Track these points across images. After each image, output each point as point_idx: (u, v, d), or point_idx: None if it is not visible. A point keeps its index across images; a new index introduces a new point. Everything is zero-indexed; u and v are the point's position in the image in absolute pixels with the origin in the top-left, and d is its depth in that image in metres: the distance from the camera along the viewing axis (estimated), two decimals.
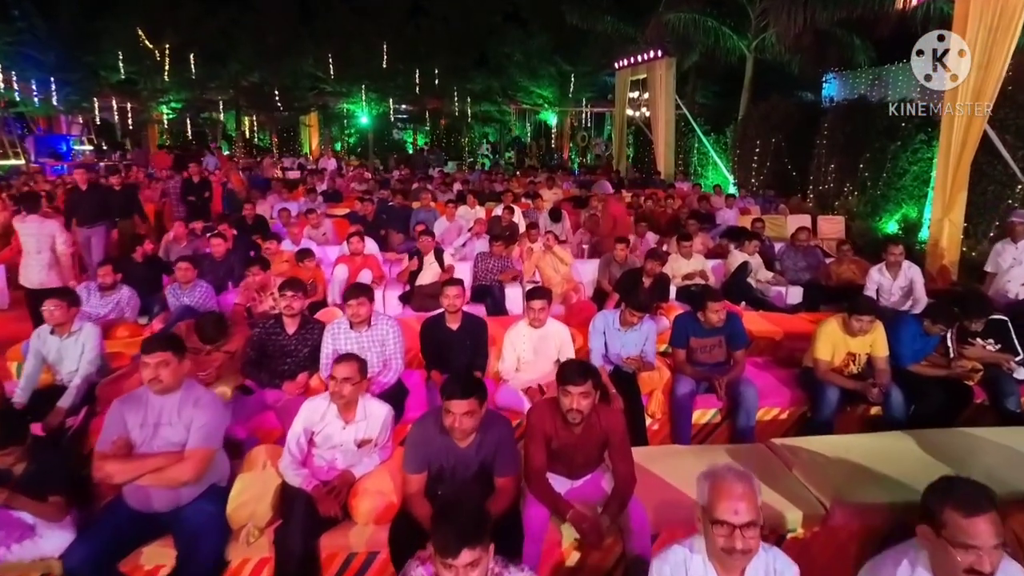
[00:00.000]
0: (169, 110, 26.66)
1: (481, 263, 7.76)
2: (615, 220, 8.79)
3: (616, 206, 9.01)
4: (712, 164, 19.73)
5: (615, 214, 8.82)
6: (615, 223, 8.79)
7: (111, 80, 25.51)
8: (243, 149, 28.69)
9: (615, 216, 8.81)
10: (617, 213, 8.89)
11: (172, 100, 26.43)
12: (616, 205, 9.02)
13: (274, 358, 4.62)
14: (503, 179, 17.62)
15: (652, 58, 18.93)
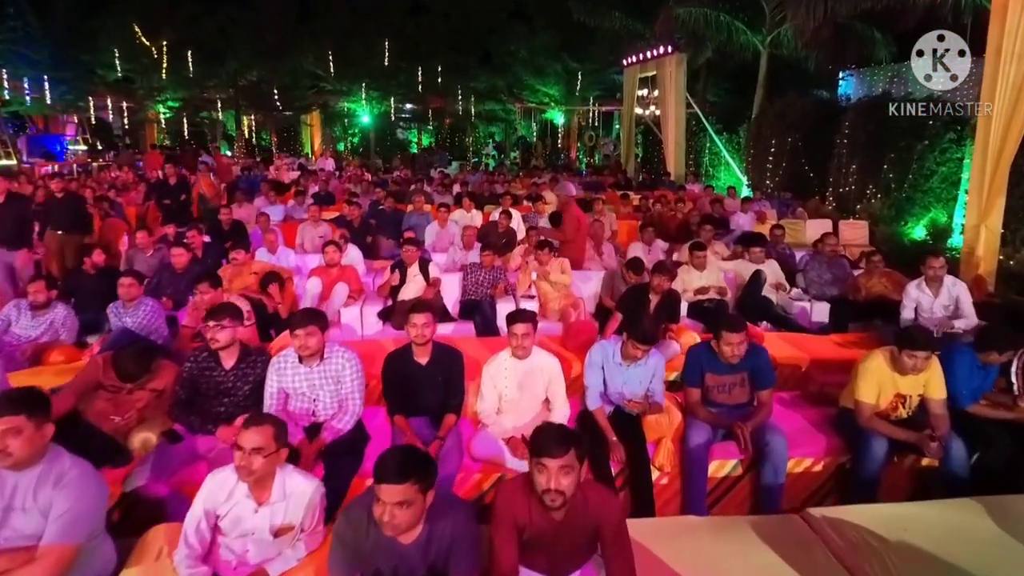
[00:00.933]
0: (166, 109, 26.04)
1: (471, 275, 7.00)
2: (578, 225, 7.99)
3: (579, 212, 8.15)
4: (724, 165, 18.91)
5: (578, 218, 7.96)
6: (577, 229, 7.96)
7: (107, 79, 24.89)
8: (243, 149, 28.04)
9: (578, 220, 7.98)
10: (580, 217, 8.04)
11: (169, 99, 25.80)
12: (579, 211, 8.15)
13: (208, 398, 3.88)
14: (505, 180, 16.85)
15: (662, 54, 18.11)
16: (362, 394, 3.92)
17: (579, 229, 7.98)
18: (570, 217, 7.95)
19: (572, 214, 7.96)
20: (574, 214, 7.96)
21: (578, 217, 8.01)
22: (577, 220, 7.95)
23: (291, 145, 28.87)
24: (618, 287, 6.63)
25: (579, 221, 7.99)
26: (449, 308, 6.95)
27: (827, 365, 5.28)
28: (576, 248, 7.94)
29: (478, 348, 5.55)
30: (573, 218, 7.92)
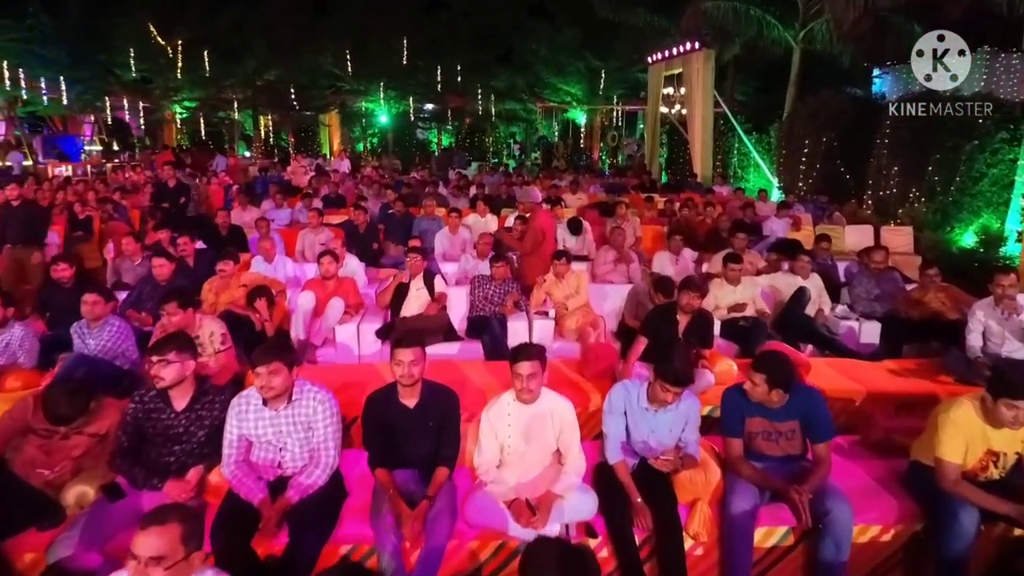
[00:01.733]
0: (182, 109, 25.71)
1: (479, 289, 6.36)
2: (543, 234, 7.13)
3: (545, 218, 7.31)
4: (753, 166, 18.10)
5: (542, 228, 7.16)
6: (542, 238, 7.13)
7: (124, 79, 24.61)
8: (261, 149, 27.68)
9: (542, 230, 7.15)
10: (546, 227, 7.25)
11: (186, 99, 25.48)
12: (545, 217, 7.31)
13: (156, 445, 3.28)
14: (524, 182, 16.20)
15: (688, 51, 17.35)
16: (337, 443, 3.30)
17: (543, 241, 7.15)
18: (533, 227, 7.16)
19: (535, 224, 7.15)
20: (537, 225, 7.14)
21: (542, 228, 7.17)
22: (540, 231, 7.13)
23: (309, 145, 28.43)
24: (644, 304, 5.96)
25: (543, 232, 7.16)
26: (457, 325, 6.34)
27: (886, 400, 4.56)
28: (536, 263, 7.06)
29: (484, 374, 4.92)
30: (536, 229, 7.12)
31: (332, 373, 5.13)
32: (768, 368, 3.22)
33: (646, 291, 5.99)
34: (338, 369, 5.33)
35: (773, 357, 3.30)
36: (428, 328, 5.90)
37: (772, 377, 3.20)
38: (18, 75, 21.85)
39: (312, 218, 8.57)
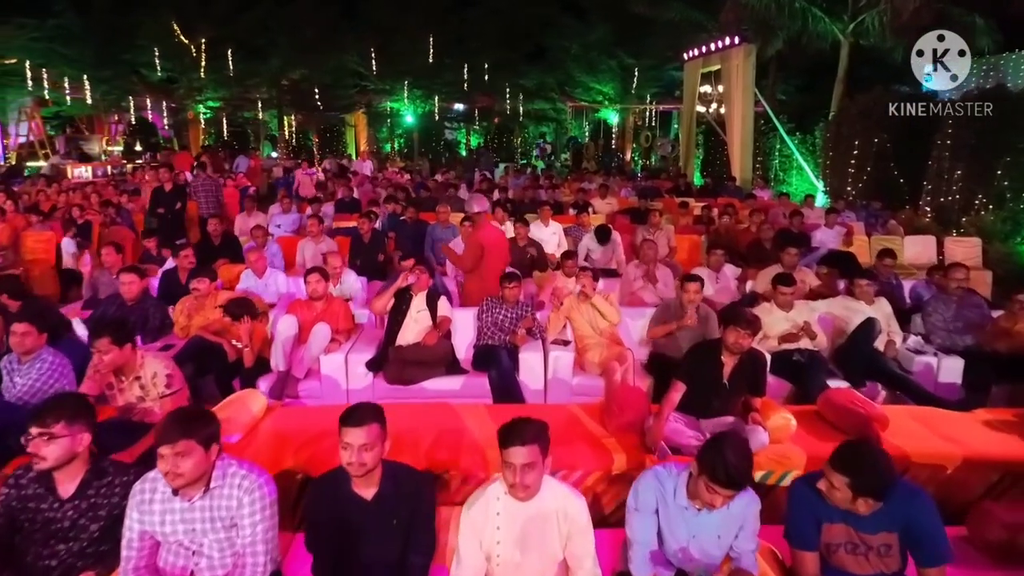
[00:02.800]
0: (206, 109, 25.30)
1: (487, 313, 5.51)
2: (483, 249, 6.09)
3: (490, 231, 6.30)
4: (796, 169, 17.00)
5: (483, 242, 6.10)
6: (481, 254, 6.10)
7: (149, 78, 24.27)
8: (285, 150, 27.19)
9: (484, 244, 6.10)
10: (489, 241, 6.14)
11: (210, 98, 25.07)
12: (490, 230, 6.33)
13: (34, 543, 2.50)
14: (551, 185, 15.32)
15: (727, 46, 16.33)
16: (270, 544, 2.47)
17: (483, 258, 6.12)
18: (472, 241, 6.18)
19: (475, 237, 6.16)
20: (479, 238, 6.13)
21: (484, 242, 6.13)
22: (480, 246, 6.10)
23: (334, 146, 27.86)
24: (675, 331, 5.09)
25: (484, 246, 6.11)
26: (463, 354, 5.51)
27: (988, 468, 3.63)
28: (477, 284, 6.15)
29: (488, 424, 4.07)
30: (476, 243, 6.12)
31: (311, 416, 4.33)
32: (853, 469, 2.33)
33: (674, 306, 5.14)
34: (317, 412, 4.52)
35: (859, 453, 2.39)
36: (427, 360, 5.08)
37: (859, 482, 2.31)
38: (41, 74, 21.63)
39: (312, 225, 7.80)
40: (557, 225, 9.18)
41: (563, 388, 5.13)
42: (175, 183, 8.98)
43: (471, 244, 6.15)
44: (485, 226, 6.24)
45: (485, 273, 6.00)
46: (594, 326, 5.43)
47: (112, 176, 19.08)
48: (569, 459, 3.71)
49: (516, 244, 7.81)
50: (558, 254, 8.81)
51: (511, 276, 5.54)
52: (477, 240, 6.09)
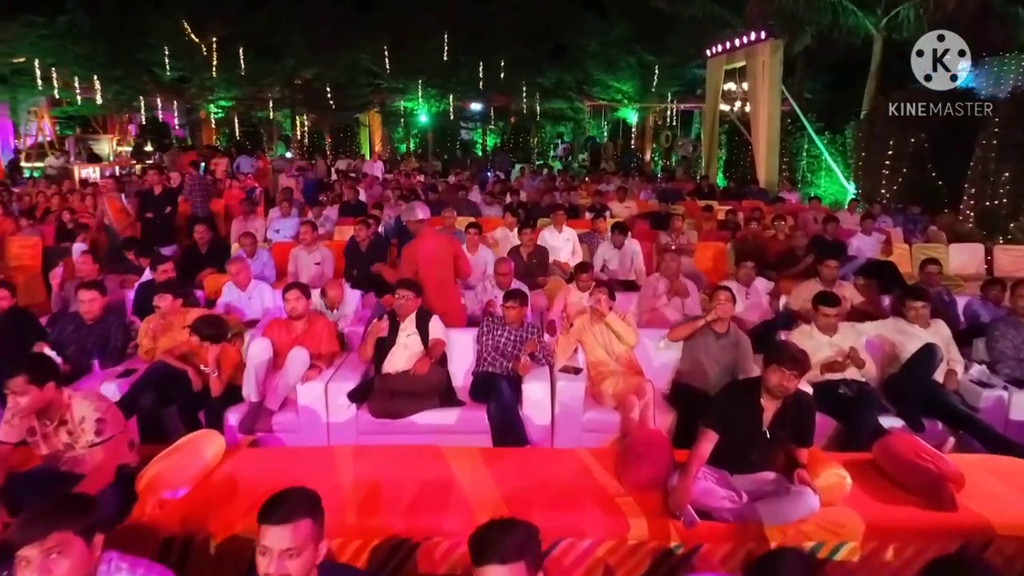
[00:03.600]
0: (217, 108, 24.90)
1: (488, 336, 4.88)
2: (416, 263, 5.32)
3: (427, 242, 5.40)
4: (825, 170, 16.22)
5: (419, 254, 5.33)
6: (416, 267, 5.33)
7: (161, 78, 23.89)
8: (299, 150, 26.76)
9: (418, 257, 5.33)
10: (424, 253, 5.34)
11: (222, 98, 24.67)
12: (427, 241, 5.42)
13: None
14: (567, 187, 14.66)
15: (753, 41, 15.58)
16: None
17: (423, 270, 5.33)
18: (406, 254, 5.44)
19: (410, 249, 5.41)
20: (412, 250, 5.39)
21: (419, 254, 5.36)
22: (413, 258, 5.35)
23: (348, 146, 27.38)
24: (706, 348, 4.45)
25: (424, 259, 5.35)
26: (460, 380, 4.90)
27: None
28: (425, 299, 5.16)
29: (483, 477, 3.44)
30: (408, 256, 5.39)
31: (278, 461, 3.74)
32: None
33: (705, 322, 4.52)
34: (285, 456, 3.93)
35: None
36: (418, 390, 4.46)
37: None
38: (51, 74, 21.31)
39: (306, 233, 7.21)
40: (571, 231, 8.52)
41: (573, 424, 4.48)
42: (165, 186, 8.44)
43: (403, 258, 5.48)
44: (423, 237, 5.46)
45: (426, 291, 5.17)
46: (609, 350, 4.78)
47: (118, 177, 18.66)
48: (576, 524, 3.08)
49: (520, 254, 7.18)
50: (572, 263, 8.21)
51: (513, 295, 4.91)
52: (410, 252, 5.39)
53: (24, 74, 20.91)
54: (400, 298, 4.72)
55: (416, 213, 5.60)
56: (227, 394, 4.52)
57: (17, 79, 21.11)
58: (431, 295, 5.21)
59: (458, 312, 5.53)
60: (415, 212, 5.60)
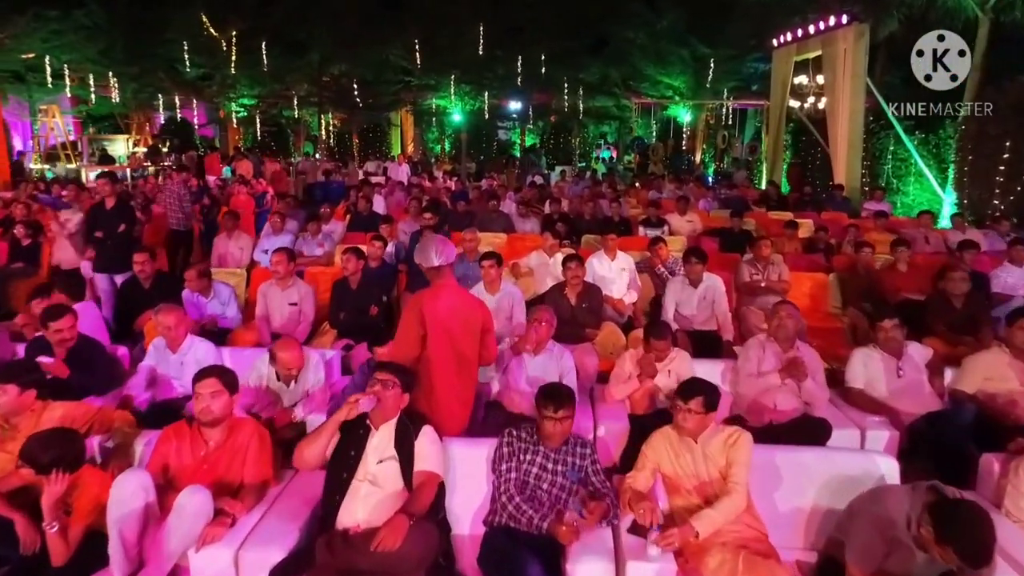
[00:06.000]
0: (239, 107, 23.52)
1: (510, 462, 3.01)
2: (426, 329, 3.42)
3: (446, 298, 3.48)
4: (915, 176, 13.98)
5: (432, 316, 3.41)
6: (424, 336, 3.44)
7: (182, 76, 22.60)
8: (325, 151, 25.31)
9: (429, 320, 3.41)
10: (440, 315, 3.43)
11: (245, 95, 23.30)
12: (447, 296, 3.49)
13: None
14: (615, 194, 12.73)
15: (832, 27, 13.44)
16: None
17: (433, 343, 3.44)
18: (410, 316, 3.47)
19: (421, 310, 3.41)
20: (423, 311, 3.41)
21: (432, 316, 3.41)
22: (420, 322, 3.41)
23: (378, 147, 25.79)
24: None
25: (438, 323, 3.43)
26: (468, 529, 3.07)
27: None
28: (424, 395, 3.41)
29: None
30: (416, 319, 3.42)
31: None
32: None
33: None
34: None
35: None
36: (388, 570, 2.64)
37: None
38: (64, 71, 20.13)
39: (279, 263, 5.39)
40: (627, 258, 6.63)
41: None
42: (119, 198, 6.79)
43: (405, 322, 3.51)
44: (440, 292, 3.49)
45: (431, 376, 3.41)
46: (709, 490, 2.90)
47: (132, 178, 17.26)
48: None
49: (564, 296, 5.32)
50: (627, 299, 6.32)
51: (555, 397, 3.03)
52: (416, 312, 3.43)
53: (39, 72, 19.77)
54: (376, 385, 2.91)
55: (430, 256, 3.61)
56: (89, 549, 2.77)
57: (32, 77, 19.99)
58: (436, 388, 3.42)
59: (466, 418, 3.67)
60: (428, 255, 3.59)
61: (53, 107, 20.29)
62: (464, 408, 3.57)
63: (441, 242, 3.55)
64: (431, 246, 3.52)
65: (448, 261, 3.52)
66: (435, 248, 3.50)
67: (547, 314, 4.27)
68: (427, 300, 3.45)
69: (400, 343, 3.46)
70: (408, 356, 3.37)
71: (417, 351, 3.38)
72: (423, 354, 3.40)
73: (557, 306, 4.99)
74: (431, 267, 3.50)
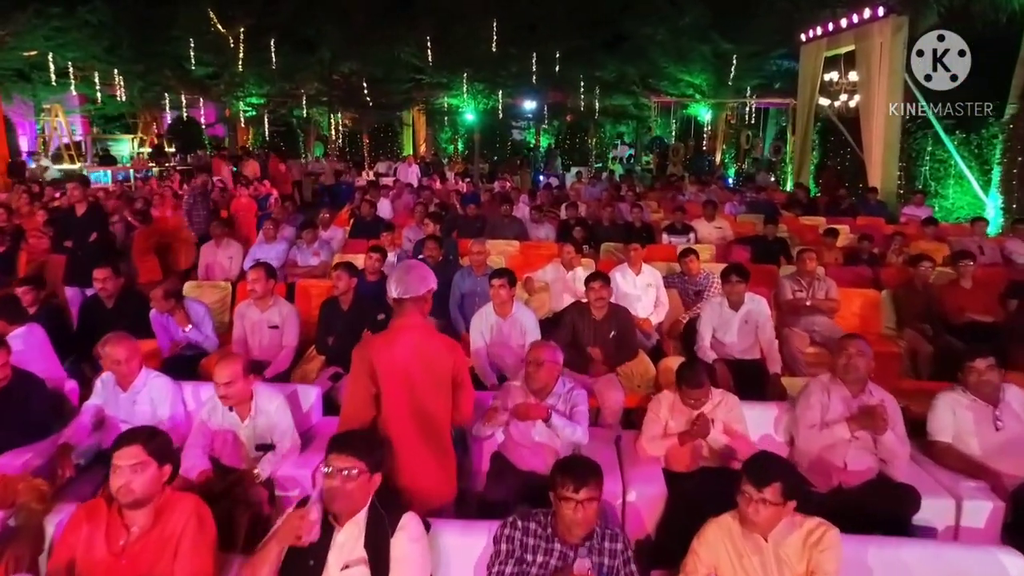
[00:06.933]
0: (247, 106, 22.94)
1: (516, 565, 2.32)
2: (380, 383, 2.71)
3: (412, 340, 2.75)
4: (955, 178, 13.12)
5: (392, 367, 2.70)
6: (380, 386, 2.73)
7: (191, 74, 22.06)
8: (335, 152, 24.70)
9: (381, 371, 2.69)
10: (401, 364, 2.70)
11: (253, 94, 22.73)
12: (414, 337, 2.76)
13: None
14: (634, 198, 12.00)
15: (867, 19, 12.65)
16: None
17: (389, 397, 2.75)
18: (364, 367, 2.75)
19: (371, 360, 2.72)
20: (376, 361, 2.71)
21: (387, 368, 2.72)
22: (371, 371, 2.72)
23: (389, 148, 25.12)
24: None
25: (398, 378, 2.73)
26: None
27: None
28: (393, 460, 2.69)
29: None
30: (366, 371, 2.73)
31: None
32: None
33: None
34: None
35: None
36: None
37: None
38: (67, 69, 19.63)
39: (256, 280, 4.68)
40: (653, 272, 5.92)
41: None
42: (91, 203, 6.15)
43: (351, 379, 2.79)
44: (398, 332, 2.78)
45: (392, 444, 2.69)
46: None
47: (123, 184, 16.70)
48: None
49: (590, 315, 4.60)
50: (654, 318, 5.61)
51: (574, 470, 2.32)
52: (365, 366, 2.70)
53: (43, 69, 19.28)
54: (334, 479, 2.21)
55: (389, 286, 2.82)
56: None
57: (37, 75, 19.51)
58: (402, 458, 2.70)
59: (451, 489, 2.95)
60: (389, 283, 2.84)
61: (56, 106, 19.83)
62: (445, 471, 2.86)
63: (408, 269, 2.83)
64: (393, 275, 2.82)
65: (412, 294, 2.74)
66: (396, 276, 2.77)
67: (547, 352, 3.42)
68: (378, 349, 2.74)
69: (348, 407, 2.73)
70: (360, 422, 2.66)
71: (370, 413, 2.68)
72: (379, 416, 2.69)
73: (582, 326, 4.28)
74: (395, 299, 2.78)
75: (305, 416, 3.82)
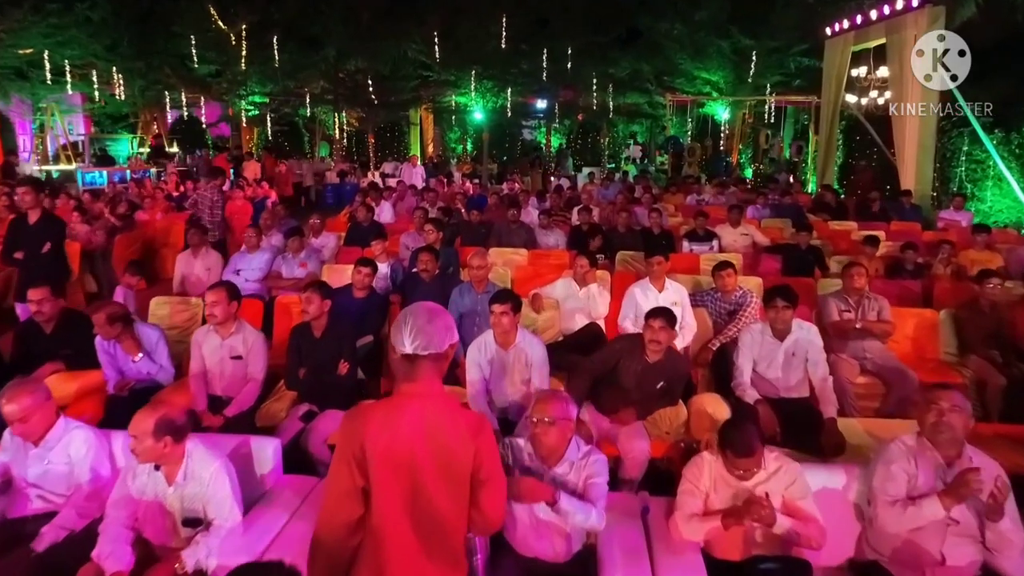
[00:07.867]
0: (249, 105, 22.34)
1: None
2: (372, 484, 1.88)
3: (412, 423, 1.91)
4: (994, 180, 12.29)
5: (384, 460, 1.88)
6: (372, 487, 1.89)
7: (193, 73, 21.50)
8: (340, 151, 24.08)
9: (380, 470, 1.87)
10: (400, 458, 1.89)
11: (256, 93, 22.13)
12: (414, 420, 1.91)
13: None
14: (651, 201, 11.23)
15: (900, 11, 11.83)
16: None
17: (391, 503, 1.92)
18: (346, 462, 1.91)
19: (358, 449, 1.90)
20: (364, 451, 1.89)
21: (380, 463, 1.90)
22: (363, 464, 1.91)
23: (395, 148, 24.45)
24: None
25: (392, 476, 1.91)
26: None
27: None
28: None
29: None
30: (343, 466, 1.92)
31: None
32: None
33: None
34: None
35: None
36: None
37: None
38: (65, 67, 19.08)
39: (215, 303, 3.96)
40: (679, 289, 5.20)
41: None
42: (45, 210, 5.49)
43: (334, 467, 1.92)
44: (405, 402, 1.95)
45: (379, 559, 1.90)
46: None
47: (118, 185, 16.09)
48: None
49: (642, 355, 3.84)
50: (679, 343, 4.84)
51: None
52: (353, 449, 1.87)
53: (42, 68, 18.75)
54: None
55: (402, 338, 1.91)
56: None
57: (35, 74, 18.98)
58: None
59: None
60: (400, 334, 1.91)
61: (52, 106, 19.28)
62: None
63: (430, 317, 1.95)
64: (408, 320, 1.94)
65: (433, 350, 1.92)
66: (413, 325, 1.93)
67: (558, 408, 2.64)
68: (372, 425, 1.90)
69: (327, 504, 1.90)
70: (343, 525, 1.88)
71: (354, 513, 1.88)
72: (367, 521, 1.91)
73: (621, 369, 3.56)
74: (402, 355, 1.94)
75: (260, 478, 3.11)
